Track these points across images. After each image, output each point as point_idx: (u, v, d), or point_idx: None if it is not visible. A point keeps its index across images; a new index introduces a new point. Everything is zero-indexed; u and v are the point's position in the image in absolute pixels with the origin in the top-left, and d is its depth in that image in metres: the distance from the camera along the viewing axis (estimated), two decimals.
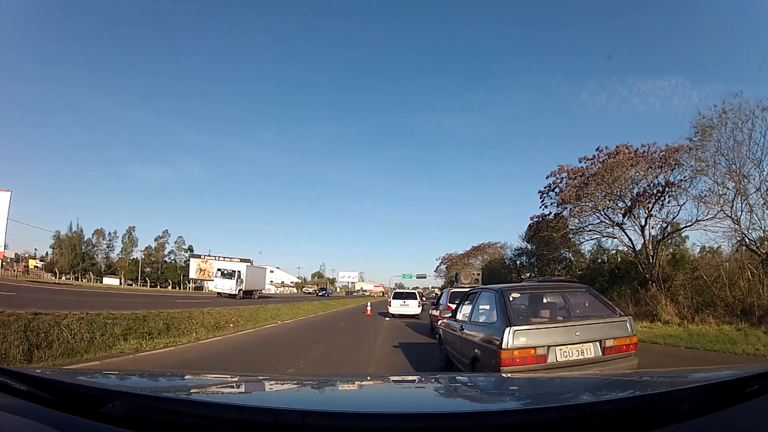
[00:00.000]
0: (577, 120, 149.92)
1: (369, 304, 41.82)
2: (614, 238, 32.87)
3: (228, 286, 55.08)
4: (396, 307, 32.32)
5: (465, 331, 8.41)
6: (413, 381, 4.08)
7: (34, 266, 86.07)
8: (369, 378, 4.60)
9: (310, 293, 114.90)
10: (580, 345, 6.66)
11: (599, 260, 36.64)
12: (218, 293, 54.51)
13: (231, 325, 20.92)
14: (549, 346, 6.50)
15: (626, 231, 31.11)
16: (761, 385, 1.96)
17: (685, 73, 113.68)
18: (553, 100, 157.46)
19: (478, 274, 29.34)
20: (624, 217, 30.08)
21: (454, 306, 15.09)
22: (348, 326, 25.22)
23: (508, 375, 5.50)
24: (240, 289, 55.40)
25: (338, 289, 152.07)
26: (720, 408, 1.83)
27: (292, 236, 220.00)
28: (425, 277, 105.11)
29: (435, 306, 21.71)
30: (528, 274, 45.86)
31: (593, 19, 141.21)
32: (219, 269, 60.37)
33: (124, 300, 29.41)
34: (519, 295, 7.94)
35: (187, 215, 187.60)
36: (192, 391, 2.87)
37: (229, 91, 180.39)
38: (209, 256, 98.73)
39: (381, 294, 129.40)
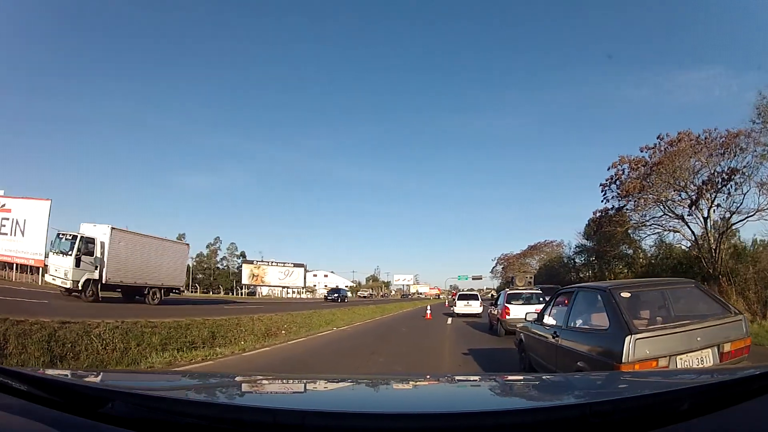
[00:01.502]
0: (625, 114, 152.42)
1: (429, 307, 40.28)
2: (677, 231, 32.18)
3: (63, 270, 27.10)
4: (461, 307, 36.19)
5: (561, 339, 7.30)
6: (414, 381, 3.90)
7: None
8: (370, 378, 4.55)
9: (364, 297, 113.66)
10: (700, 352, 5.66)
11: (661, 255, 35.58)
12: (63, 288, 27.46)
13: (283, 332, 20.08)
14: (670, 356, 5.50)
15: (689, 224, 30.47)
16: (761, 385, 1.90)
17: (725, 63, 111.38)
18: (596, 95, 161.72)
19: (531, 277, 32.87)
20: (690, 208, 29.55)
21: (510, 306, 19.67)
22: (409, 332, 23.68)
23: (507, 375, 5.62)
24: (87, 279, 27.38)
25: (393, 292, 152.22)
26: (720, 408, 1.78)
27: (346, 241, 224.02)
28: (481, 278, 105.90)
29: (494, 306, 24.56)
30: (587, 273, 46.07)
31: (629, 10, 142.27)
32: (58, 234, 29.44)
33: (169, 307, 28.42)
34: (629, 294, 6.47)
35: (237, 222, 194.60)
36: (192, 391, 2.82)
37: (271, 99, 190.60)
38: (262, 261, 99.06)
39: (437, 296, 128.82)
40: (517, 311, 18.24)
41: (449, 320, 31.10)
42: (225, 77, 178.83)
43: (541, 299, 19.67)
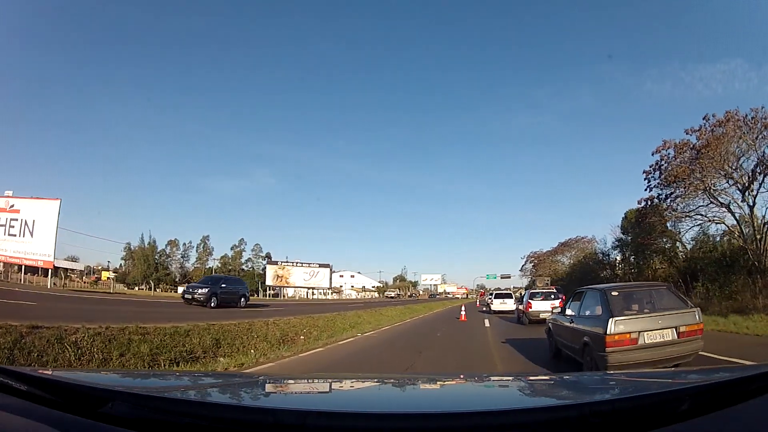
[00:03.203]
0: (648, 108, 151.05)
1: (463, 307, 36.80)
2: (720, 222, 31.12)
3: None
4: (497, 304, 41.75)
5: (575, 323, 10.63)
6: (416, 381, 3.99)
7: (107, 278, 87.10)
8: (371, 378, 4.44)
9: (391, 297, 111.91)
10: (662, 330, 8.75)
11: (704, 248, 34.03)
12: None
13: (302, 337, 18.07)
14: (639, 332, 8.65)
15: (734, 213, 29.42)
16: (761, 385, 1.91)
17: (744, 55, 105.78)
18: (619, 91, 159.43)
19: (548, 280, 51.58)
20: (744, 193, 28.24)
21: (532, 301, 26.89)
22: (445, 337, 20.99)
23: (509, 375, 6.36)
24: None
25: (421, 292, 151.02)
26: (720, 408, 1.79)
27: (373, 241, 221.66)
28: (509, 277, 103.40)
29: (519, 302, 32.84)
30: (623, 269, 45.54)
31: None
32: None
33: (178, 310, 25.90)
34: (617, 293, 9.72)
35: (265, 225, 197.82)
36: (192, 391, 2.83)
37: (294, 101, 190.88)
38: (286, 262, 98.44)
39: (465, 296, 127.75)
40: (537, 305, 26.10)
41: (486, 322, 29.40)
42: (248, 80, 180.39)
43: (554, 297, 26.77)
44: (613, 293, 9.54)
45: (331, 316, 25.96)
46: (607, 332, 8.52)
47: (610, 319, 8.59)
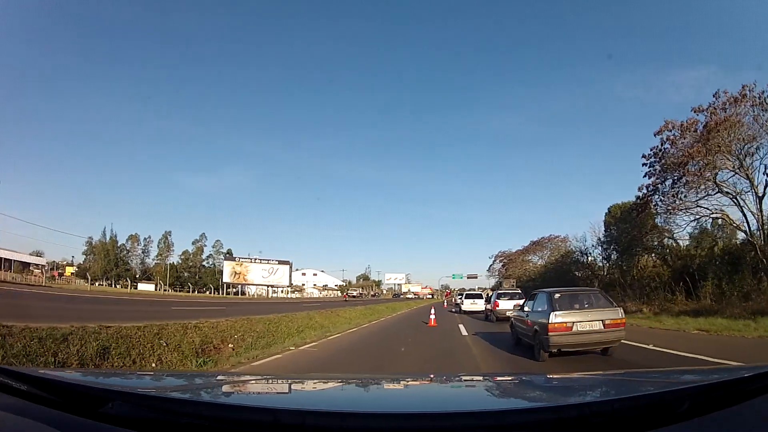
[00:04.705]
0: (622, 111, 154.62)
1: (432, 309, 31.98)
2: (725, 216, 28.95)
3: None
4: (468, 305, 44.37)
5: (529, 317, 14.05)
6: (415, 381, 3.98)
7: (71, 273, 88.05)
8: (370, 378, 4.51)
9: (354, 297, 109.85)
10: (591, 322, 11.96)
11: (705, 244, 32.32)
12: None
13: (231, 346, 14.74)
14: (573, 322, 11.91)
15: (741, 206, 27.44)
16: (761, 385, 1.95)
17: (719, 62, 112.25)
18: (593, 93, 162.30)
19: (514, 281, 61.32)
20: (763, 178, 26.22)
21: (499, 301, 30.77)
22: (411, 352, 15.94)
23: (508, 375, 6.30)
24: None
25: (384, 292, 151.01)
26: (720, 408, 1.83)
27: (337, 239, 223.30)
28: (476, 277, 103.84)
29: (487, 302, 37.05)
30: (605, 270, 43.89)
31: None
32: None
33: (100, 308, 24.45)
34: (559, 295, 13.01)
35: (229, 222, 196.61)
36: (192, 390, 2.85)
37: (264, 98, 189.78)
38: (244, 258, 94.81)
39: (430, 296, 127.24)
40: (504, 305, 28.80)
41: (463, 329, 24.68)
42: (219, 76, 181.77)
43: (518, 297, 29.87)
44: (556, 295, 12.95)
45: (277, 318, 22.32)
46: (549, 322, 11.89)
47: (552, 313, 12.03)
